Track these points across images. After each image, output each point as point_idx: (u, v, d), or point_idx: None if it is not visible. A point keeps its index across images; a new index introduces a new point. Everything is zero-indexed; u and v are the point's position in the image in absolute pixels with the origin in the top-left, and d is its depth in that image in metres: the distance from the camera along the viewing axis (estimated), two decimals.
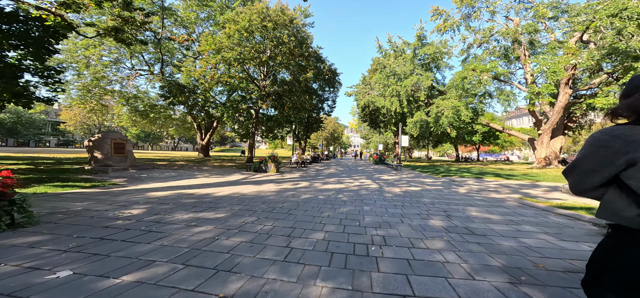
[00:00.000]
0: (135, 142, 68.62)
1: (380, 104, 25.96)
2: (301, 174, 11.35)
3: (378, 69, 26.97)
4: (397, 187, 7.80)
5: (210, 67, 14.23)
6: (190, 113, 18.41)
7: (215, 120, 23.39)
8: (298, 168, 14.91)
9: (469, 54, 24.20)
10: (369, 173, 12.72)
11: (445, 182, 9.39)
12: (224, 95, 19.32)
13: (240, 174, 10.59)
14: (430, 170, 15.68)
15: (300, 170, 13.61)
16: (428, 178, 10.55)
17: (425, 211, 4.53)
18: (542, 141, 18.92)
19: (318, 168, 16.10)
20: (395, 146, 33.30)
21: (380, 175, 12.12)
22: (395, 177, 11.27)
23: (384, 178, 10.37)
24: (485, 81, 16.93)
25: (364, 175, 11.56)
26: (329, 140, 56.63)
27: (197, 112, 17.48)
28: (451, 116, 19.31)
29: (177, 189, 6.23)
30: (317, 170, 14.42)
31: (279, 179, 9.12)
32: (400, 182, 9.30)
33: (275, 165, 11.80)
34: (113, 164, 8.86)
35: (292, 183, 7.93)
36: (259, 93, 15.23)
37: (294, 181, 8.61)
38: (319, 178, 9.68)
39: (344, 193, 6.28)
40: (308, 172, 12.47)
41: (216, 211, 4.12)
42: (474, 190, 7.36)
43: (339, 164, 21.96)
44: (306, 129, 35.85)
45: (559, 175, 11.78)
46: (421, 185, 8.37)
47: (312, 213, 4.17)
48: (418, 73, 23.64)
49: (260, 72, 17.07)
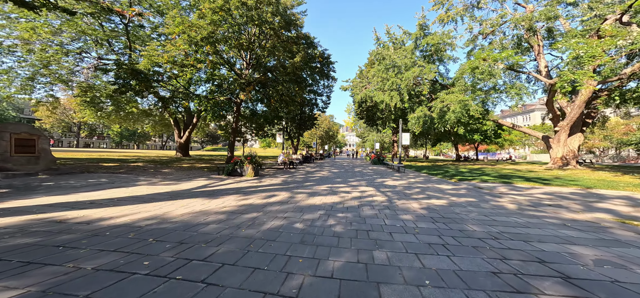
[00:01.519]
0: (119, 141, 64.93)
1: (378, 99, 23.78)
2: (284, 179, 9.00)
3: (376, 61, 24.79)
4: (413, 199, 5.53)
5: (180, 54, 11.71)
6: (166, 107, 15.86)
7: (195, 115, 20.82)
8: (285, 171, 12.55)
9: (476, 45, 22.25)
10: (369, 177, 10.47)
11: (471, 190, 7.20)
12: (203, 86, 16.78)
13: (205, 179, 8.18)
14: (437, 171, 13.53)
15: (287, 173, 11.25)
16: (444, 184, 8.35)
17: (499, 264, 2.25)
18: (559, 139, 17.04)
19: (309, 169, 13.77)
20: (393, 145, 31.24)
21: (382, 179, 9.87)
22: (401, 181, 9.04)
23: (389, 184, 8.12)
24: (499, 72, 14.88)
25: (364, 180, 9.29)
26: (324, 138, 54.38)
27: (166, 104, 14.91)
28: (459, 111, 17.24)
29: (61, 209, 3.81)
30: (306, 172, 12.09)
31: (251, 187, 6.75)
32: (412, 189, 7.05)
33: (253, 167, 9.42)
34: (14, 167, 6.33)
35: (264, 196, 5.57)
36: (238, 82, 12.79)
37: (270, 191, 6.26)
38: (306, 186, 7.35)
39: (337, 216, 3.97)
40: (295, 176, 10.13)
41: (26, 277, 1.75)
42: (524, 204, 5.15)
43: (334, 165, 19.68)
44: (299, 127, 33.50)
45: (602, 179, 9.77)
46: (442, 195, 6.14)
47: (263, 283, 1.84)
48: (420, 65, 21.55)
49: (243, 60, 14.62)
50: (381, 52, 23.65)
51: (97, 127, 62.02)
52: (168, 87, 13.01)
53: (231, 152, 14.79)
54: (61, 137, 60.07)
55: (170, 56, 11.45)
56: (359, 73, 28.54)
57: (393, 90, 22.53)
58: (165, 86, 12.56)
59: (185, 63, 11.15)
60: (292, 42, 13.93)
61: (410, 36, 24.06)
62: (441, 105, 19.09)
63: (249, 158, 9.39)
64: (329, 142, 56.55)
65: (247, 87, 12.32)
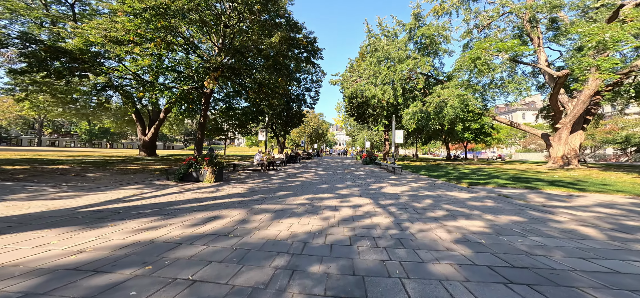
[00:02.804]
0: (88, 139, 59.41)
1: (370, 94, 22.06)
2: (253, 186, 6.91)
3: (368, 53, 23.04)
4: (432, 220, 3.64)
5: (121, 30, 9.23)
6: (108, 97, 13.20)
7: (163, 110, 18.11)
8: (261, 173, 10.42)
9: (472, 38, 21.01)
10: (362, 181, 8.58)
11: (499, 200, 5.45)
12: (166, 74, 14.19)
13: (139, 187, 5.93)
14: (437, 172, 11.89)
15: (262, 177, 9.14)
16: (457, 191, 6.59)
17: None
18: (560, 137, 15.99)
19: (291, 171, 11.71)
20: (384, 143, 29.75)
21: (378, 183, 8.01)
22: (402, 187, 7.20)
23: (389, 192, 6.25)
24: (504, 62, 13.48)
25: (356, 186, 7.37)
26: (313, 137, 52.35)
27: (105, 92, 12.27)
28: (457, 106, 15.78)
29: None
30: (287, 176, 10.03)
31: (191, 201, 4.62)
32: (421, 201, 5.19)
33: (214, 169, 7.24)
34: None
35: (197, 219, 3.48)
36: (202, 66, 10.50)
37: (216, 208, 4.17)
38: (277, 198, 5.32)
39: (310, 272, 1.97)
40: (269, 181, 8.05)
41: None
42: (604, 226, 3.39)
43: (321, 165, 17.71)
44: (285, 124, 31.26)
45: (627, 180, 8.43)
46: (468, 210, 4.31)
47: None
48: (415, 57, 20.02)
49: (214, 44, 12.27)
50: (374, 42, 21.93)
51: (62, 125, 56.48)
52: (113, 72, 10.45)
53: (198, 151, 12.44)
54: (20, 135, 54.11)
55: (109, 33, 8.97)
56: (350, 66, 26.74)
57: (386, 84, 20.88)
58: (102, 71, 9.97)
59: (122, 39, 8.71)
60: (270, 23, 11.80)
61: (404, 27, 22.50)
62: (437, 100, 17.61)
63: (207, 159, 7.19)
64: (318, 141, 54.60)
65: (212, 72, 10.05)
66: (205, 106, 12.34)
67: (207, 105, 12.54)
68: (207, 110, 12.67)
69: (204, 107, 12.30)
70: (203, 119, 12.32)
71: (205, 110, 12.32)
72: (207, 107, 12.58)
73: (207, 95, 12.42)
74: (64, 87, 13.10)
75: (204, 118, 12.42)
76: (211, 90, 12.45)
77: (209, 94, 12.52)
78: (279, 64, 12.11)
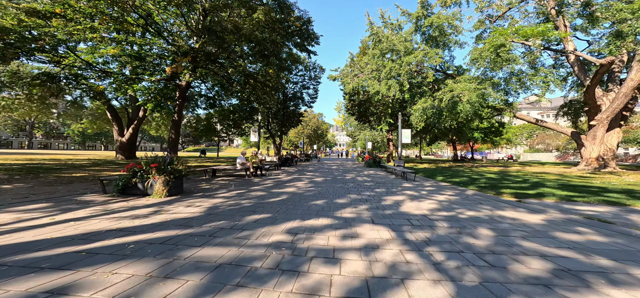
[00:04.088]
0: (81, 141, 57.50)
1: (373, 89, 20.07)
2: (214, 205, 4.90)
3: (371, 44, 21.04)
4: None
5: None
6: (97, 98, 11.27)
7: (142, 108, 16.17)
8: (244, 181, 8.42)
9: (487, 28, 19.03)
10: (370, 192, 6.56)
11: (588, 223, 3.40)
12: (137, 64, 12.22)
13: (40, 208, 3.93)
14: (458, 178, 9.85)
15: (240, 187, 7.15)
16: (511, 209, 4.58)
17: None
18: (594, 135, 13.93)
19: (282, 179, 9.71)
20: (388, 144, 27.71)
21: (393, 196, 5.99)
22: (429, 204, 5.19)
23: (415, 215, 4.25)
24: (538, 47, 11.41)
25: (363, 201, 5.36)
26: (312, 137, 50.34)
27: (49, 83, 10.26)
28: (476, 100, 13.73)
29: None
30: (274, 185, 8.04)
31: (78, 240, 2.59)
32: (478, 234, 3.15)
33: (166, 179, 5.23)
34: None
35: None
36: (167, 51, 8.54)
37: (86, 262, 2.12)
38: (235, 233, 3.33)
39: None
40: (245, 195, 6.05)
41: None
42: None
43: (319, 169, 15.69)
44: (282, 123, 29.30)
45: None
46: (586, 259, 2.26)
47: None
48: (424, 49, 18.02)
49: (181, 22, 10.28)
50: (378, 32, 19.94)
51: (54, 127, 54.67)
52: (58, 59, 8.48)
53: (173, 152, 10.43)
54: (10, 137, 52.29)
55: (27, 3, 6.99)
56: (350, 61, 24.75)
57: (391, 79, 18.89)
58: (38, 55, 8.00)
59: (42, 11, 6.74)
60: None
61: (410, 17, 20.50)
62: (450, 95, 15.59)
63: (155, 166, 5.18)
64: (317, 142, 52.59)
65: (180, 58, 8.08)
66: (180, 101, 10.35)
67: (183, 101, 10.56)
68: (183, 107, 10.68)
69: (179, 102, 10.32)
70: (177, 116, 10.32)
71: (180, 106, 10.34)
72: (183, 103, 10.59)
73: (183, 88, 10.44)
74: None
75: (178, 115, 10.43)
76: (188, 83, 10.50)
77: (185, 87, 10.54)
78: (267, 50, 10.11)
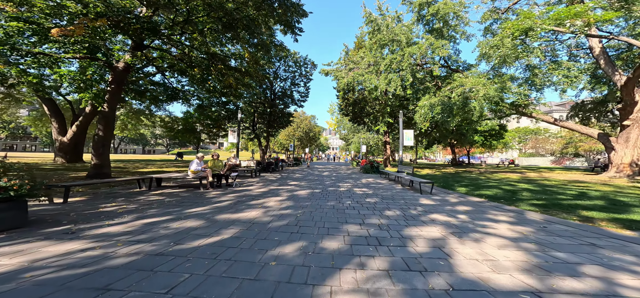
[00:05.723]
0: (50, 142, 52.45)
1: (370, 85, 17.81)
2: (44, 263, 2.22)
3: (369, 34, 18.76)
4: None
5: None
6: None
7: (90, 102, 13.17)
8: (195, 195, 5.75)
9: (500, 18, 17.12)
10: (379, 219, 4.06)
11: None
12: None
13: None
14: (487, 191, 7.50)
15: (171, 208, 4.49)
16: (622, 252, 2.12)
17: None
18: (627, 138, 12.01)
19: (254, 191, 7.08)
20: (385, 146, 25.44)
21: (421, 228, 3.49)
22: (503, 251, 2.72)
23: (511, 291, 1.69)
24: (582, 29, 9.30)
25: (375, 247, 2.83)
26: (304, 140, 47.71)
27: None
28: (495, 95, 11.56)
29: None
30: (229, 206, 5.44)
31: None
32: None
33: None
34: None
35: None
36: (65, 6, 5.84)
37: None
38: None
39: None
40: (139, 237, 3.40)
41: None
42: None
43: (308, 176, 13.12)
44: (269, 124, 26.58)
45: None
46: None
47: None
48: (428, 39, 15.90)
49: None
50: (376, 19, 17.71)
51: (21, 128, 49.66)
52: None
53: (99, 157, 7.60)
54: None
55: None
56: (345, 54, 22.46)
57: (391, 72, 16.66)
58: None
59: None
60: None
61: (413, 4, 18.41)
62: (460, 90, 13.44)
63: None
64: (309, 145, 50.00)
65: (92, 22, 5.40)
66: (114, 87, 7.58)
67: (118, 88, 7.77)
68: (119, 93, 7.88)
69: (111, 88, 7.55)
70: (107, 106, 7.53)
71: (112, 93, 7.55)
72: (118, 90, 7.79)
73: (119, 72, 7.68)
74: None
75: (109, 106, 7.62)
76: (127, 65, 7.76)
77: (124, 70, 7.78)
78: (235, 21, 7.50)
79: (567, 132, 48.41)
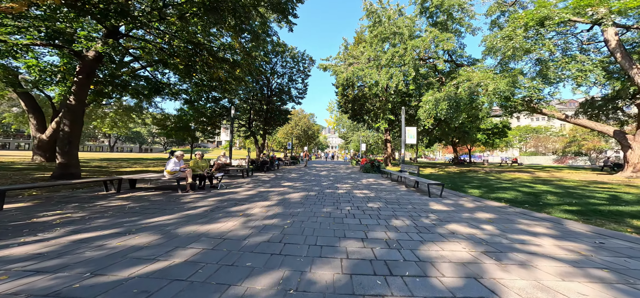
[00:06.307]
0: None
1: (370, 79, 16.96)
2: None
3: (370, 26, 17.87)
4: None
5: None
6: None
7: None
8: (168, 200, 4.90)
9: (507, 11, 16.30)
10: (386, 232, 3.23)
11: None
12: None
13: None
14: (504, 193, 6.69)
15: (117, 218, 3.61)
16: None
17: None
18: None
19: (238, 194, 6.26)
20: (386, 145, 24.64)
21: (439, 245, 2.65)
22: (565, 280, 1.83)
23: None
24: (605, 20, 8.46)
25: (386, 283, 1.95)
26: (302, 139, 46.85)
27: None
28: (506, 89, 10.74)
29: None
30: (208, 209, 4.62)
31: None
32: None
33: None
34: None
35: None
36: None
37: None
38: None
39: None
40: (61, 262, 2.49)
41: None
42: None
43: (305, 176, 12.29)
44: (266, 122, 25.73)
45: None
46: None
47: None
48: (432, 32, 15.05)
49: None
50: (377, 10, 16.85)
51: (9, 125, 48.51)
52: None
53: (64, 156, 6.74)
54: None
55: None
56: (344, 49, 21.60)
57: (393, 67, 15.82)
58: None
59: None
60: None
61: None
62: (467, 85, 12.62)
63: None
64: (308, 143, 49.15)
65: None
66: (82, 78, 6.71)
67: (87, 79, 6.89)
68: (87, 85, 7.00)
69: (79, 80, 6.68)
70: (74, 99, 6.66)
71: (79, 84, 6.69)
72: (87, 81, 6.92)
73: (89, 62, 6.82)
74: None
75: (76, 98, 6.75)
76: (98, 54, 6.89)
77: (94, 60, 6.91)
78: (219, 2, 6.64)
79: (569, 130, 47.68)
